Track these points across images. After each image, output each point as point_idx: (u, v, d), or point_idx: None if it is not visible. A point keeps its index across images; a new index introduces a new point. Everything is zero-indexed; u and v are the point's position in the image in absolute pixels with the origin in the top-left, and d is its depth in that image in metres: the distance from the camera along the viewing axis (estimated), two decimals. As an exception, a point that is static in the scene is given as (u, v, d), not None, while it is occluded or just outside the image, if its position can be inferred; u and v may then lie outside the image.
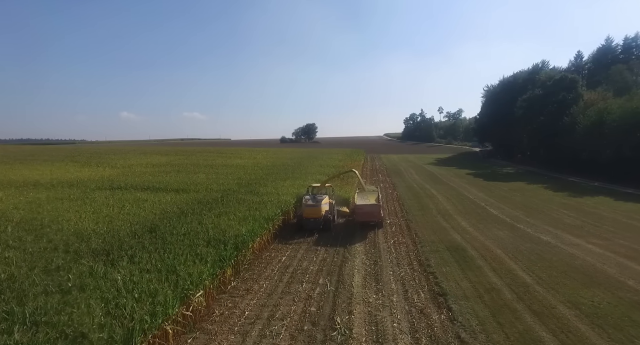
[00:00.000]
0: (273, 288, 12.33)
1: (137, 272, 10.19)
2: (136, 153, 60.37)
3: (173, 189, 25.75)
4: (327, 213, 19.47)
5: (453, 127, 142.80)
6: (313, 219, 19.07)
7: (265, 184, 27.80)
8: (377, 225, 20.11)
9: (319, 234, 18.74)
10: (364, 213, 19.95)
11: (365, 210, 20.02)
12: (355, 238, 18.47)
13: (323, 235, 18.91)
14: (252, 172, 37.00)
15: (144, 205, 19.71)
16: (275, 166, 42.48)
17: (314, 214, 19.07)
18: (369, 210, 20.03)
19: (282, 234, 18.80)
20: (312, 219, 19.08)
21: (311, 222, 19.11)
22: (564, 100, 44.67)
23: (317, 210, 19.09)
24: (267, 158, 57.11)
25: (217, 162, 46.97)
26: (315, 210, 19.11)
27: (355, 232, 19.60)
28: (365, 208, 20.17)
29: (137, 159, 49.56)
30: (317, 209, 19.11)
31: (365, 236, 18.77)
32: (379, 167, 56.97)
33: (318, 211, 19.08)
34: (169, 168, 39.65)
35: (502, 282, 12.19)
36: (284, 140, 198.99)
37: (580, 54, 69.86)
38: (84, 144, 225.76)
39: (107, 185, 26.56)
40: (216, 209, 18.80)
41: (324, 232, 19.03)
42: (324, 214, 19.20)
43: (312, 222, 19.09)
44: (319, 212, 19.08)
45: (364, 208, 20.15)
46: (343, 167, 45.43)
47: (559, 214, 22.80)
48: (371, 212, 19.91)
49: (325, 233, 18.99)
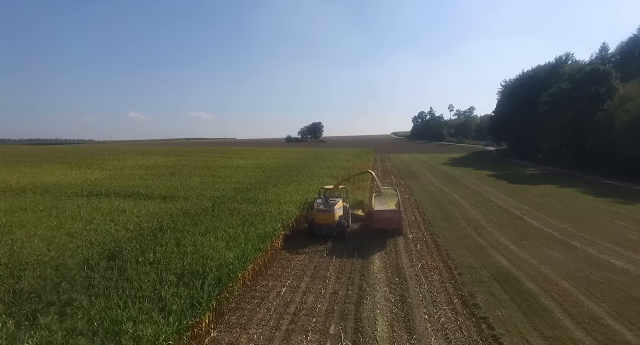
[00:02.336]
0: (267, 342, 8.92)
1: (59, 336, 6.84)
2: (134, 153, 57.52)
3: (160, 195, 22.54)
4: (340, 218, 17.64)
5: (464, 126, 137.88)
6: (325, 225, 17.38)
7: (266, 190, 24.45)
8: (397, 231, 18.13)
9: (332, 241, 16.98)
10: (382, 220, 18.06)
11: (384, 216, 18.10)
12: (373, 252, 15.56)
13: (335, 248, 16.19)
14: (253, 174, 33.68)
15: (119, 217, 16.48)
16: (279, 168, 39.10)
17: (327, 219, 17.35)
18: (389, 216, 18.08)
19: (290, 241, 16.92)
20: (325, 225, 17.39)
21: (323, 228, 17.42)
22: (596, 95, 40.45)
23: (329, 216, 17.32)
24: (271, 158, 53.80)
25: (217, 163, 43.78)
26: (327, 216, 17.35)
27: (373, 242, 17.02)
28: (385, 214, 18.19)
29: (133, 160, 46.60)
30: (330, 214, 17.33)
31: (386, 251, 15.64)
32: (390, 168, 53.27)
33: (331, 217, 17.31)
34: (163, 170, 36.54)
35: (592, 340, 8.59)
36: (289, 140, 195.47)
37: (605, 46, 65.13)
38: (90, 144, 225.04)
39: (86, 191, 23.44)
40: (203, 223, 15.48)
41: (338, 240, 17.18)
42: (337, 219, 17.42)
43: (325, 228, 17.40)
44: (332, 217, 17.30)
45: (383, 214, 18.21)
46: (352, 169, 41.91)
47: (615, 227, 19.01)
48: (391, 218, 18.03)
49: (339, 241, 17.09)
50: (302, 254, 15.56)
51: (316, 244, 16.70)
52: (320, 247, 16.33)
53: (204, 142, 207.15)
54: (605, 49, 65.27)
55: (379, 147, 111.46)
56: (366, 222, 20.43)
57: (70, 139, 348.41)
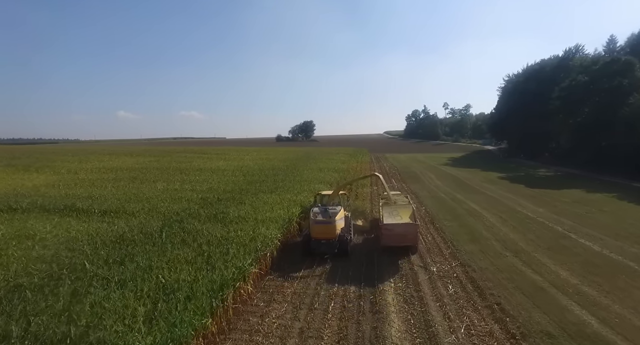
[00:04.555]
0: None
1: None
2: (103, 154, 51.55)
3: (101, 210, 17.23)
4: (342, 232, 14.81)
5: (460, 124, 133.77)
6: (325, 240, 14.39)
7: (242, 200, 19.32)
8: (411, 249, 14.96)
9: (332, 261, 14.02)
10: (394, 236, 14.56)
11: (397, 231, 14.62)
12: (386, 294, 10.99)
13: (335, 270, 13.14)
14: (232, 179, 28.42)
15: (5, 251, 11.14)
16: (263, 171, 33.85)
17: (326, 233, 14.42)
18: (402, 232, 14.64)
19: (279, 260, 13.72)
20: (324, 240, 14.39)
21: (322, 244, 14.38)
22: (619, 87, 36.18)
23: (330, 229, 14.41)
24: (257, 159, 48.45)
25: (192, 166, 38.33)
26: (327, 229, 14.42)
27: (382, 267, 13.24)
28: (397, 229, 14.69)
29: (97, 162, 40.80)
30: (331, 227, 14.40)
31: (405, 296, 10.83)
32: (389, 169, 48.42)
33: (331, 230, 14.40)
34: (125, 174, 31.01)
35: None
36: (280, 139, 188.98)
37: (613, 38, 61.41)
38: (74, 143, 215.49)
39: (3, 204, 17.94)
40: (133, 260, 10.32)
41: (339, 258, 14.19)
42: (339, 232, 14.55)
43: (324, 244, 14.38)
44: (332, 231, 14.40)
45: (395, 229, 14.69)
46: (348, 171, 36.93)
47: (702, 251, 14.35)
48: (404, 234, 14.62)
49: (340, 261, 14.00)
50: (304, 266, 13.08)
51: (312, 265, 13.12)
52: (317, 269, 13.15)
53: (191, 141, 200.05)
54: (614, 41, 61.53)
55: (373, 146, 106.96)
56: (369, 235, 17.45)
57: (54, 139, 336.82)
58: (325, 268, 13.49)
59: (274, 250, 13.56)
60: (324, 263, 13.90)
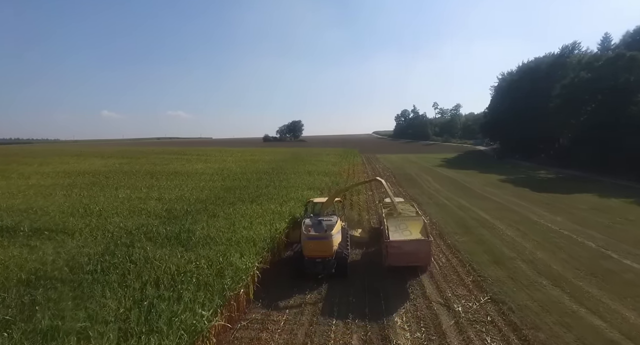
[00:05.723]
0: None
1: None
2: (70, 155, 47.10)
3: (32, 229, 13.63)
4: (340, 247, 12.61)
5: (450, 124, 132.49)
6: (320, 258, 12.10)
7: (215, 213, 15.97)
8: (421, 267, 12.75)
9: (327, 282, 11.86)
10: (402, 254, 12.14)
11: (406, 250, 12.17)
12: None
13: (332, 298, 10.85)
14: (208, 184, 24.92)
15: None
16: (246, 174, 30.41)
17: (321, 250, 12.13)
18: (412, 250, 12.22)
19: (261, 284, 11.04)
20: (319, 258, 12.10)
21: (317, 264, 12.09)
22: (626, 84, 34.17)
23: (325, 245, 12.14)
24: (241, 161, 44.85)
25: (167, 169, 34.56)
26: (322, 246, 12.14)
27: (390, 304, 10.15)
28: (407, 246, 12.22)
29: (60, 164, 36.57)
30: (326, 243, 12.14)
31: None
32: (382, 170, 45.49)
33: (327, 246, 12.14)
34: (86, 179, 27.11)
35: None
36: (267, 139, 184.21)
37: (608, 36, 60.28)
38: (54, 143, 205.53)
39: None
40: (31, 322, 6.86)
41: (336, 279, 12.06)
42: (336, 249, 12.32)
43: (319, 264, 12.09)
44: (328, 247, 12.14)
45: (405, 246, 12.21)
46: (340, 175, 33.84)
47: None
48: (415, 253, 12.24)
49: (338, 285, 11.80)
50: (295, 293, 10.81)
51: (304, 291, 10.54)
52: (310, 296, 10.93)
53: (175, 142, 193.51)
54: (608, 39, 60.40)
55: (363, 146, 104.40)
56: (369, 247, 15.38)
57: (33, 139, 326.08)
58: (320, 294, 11.14)
59: (250, 284, 10.37)
60: (318, 286, 11.68)
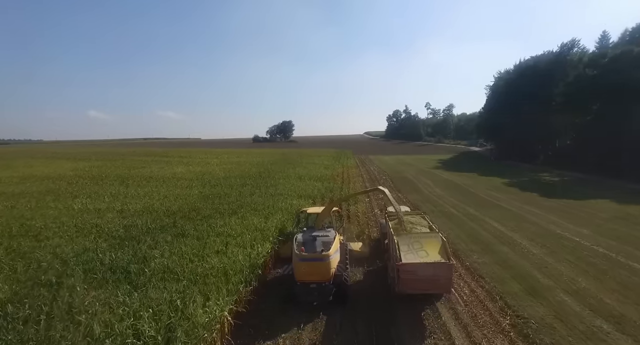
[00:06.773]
0: None
1: None
2: (38, 157, 43.24)
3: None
4: (339, 270, 10.30)
5: (443, 125, 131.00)
6: (315, 283, 9.78)
7: (184, 231, 12.97)
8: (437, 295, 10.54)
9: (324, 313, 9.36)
10: (418, 280, 9.66)
11: (423, 275, 9.66)
12: None
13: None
14: (184, 192, 21.82)
15: None
16: (229, 179, 27.32)
17: (317, 274, 9.78)
18: (431, 275, 9.66)
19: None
20: (314, 283, 9.78)
21: (312, 290, 9.71)
22: (634, 82, 32.17)
23: (321, 268, 9.78)
24: (226, 164, 41.64)
25: (143, 172, 31.23)
26: (318, 268, 9.77)
27: None
28: (424, 271, 9.67)
29: (22, 168, 32.88)
30: (323, 265, 9.80)
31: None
32: (378, 173, 42.83)
33: (324, 269, 9.79)
34: (43, 185, 23.71)
35: None
36: (257, 140, 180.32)
37: (606, 34, 58.89)
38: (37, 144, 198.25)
39: None
40: None
41: (335, 307, 9.65)
42: (334, 271, 10.00)
43: (314, 290, 9.71)
44: (325, 270, 9.80)
45: (421, 270, 9.67)
46: (335, 180, 31.00)
47: None
48: (434, 279, 9.70)
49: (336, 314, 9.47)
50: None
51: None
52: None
53: (161, 142, 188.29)
54: (606, 37, 59.00)
55: (355, 147, 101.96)
56: (369, 264, 13.44)
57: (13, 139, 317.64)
58: (315, 327, 8.82)
59: (217, 340, 7.46)
60: (314, 314, 9.46)
